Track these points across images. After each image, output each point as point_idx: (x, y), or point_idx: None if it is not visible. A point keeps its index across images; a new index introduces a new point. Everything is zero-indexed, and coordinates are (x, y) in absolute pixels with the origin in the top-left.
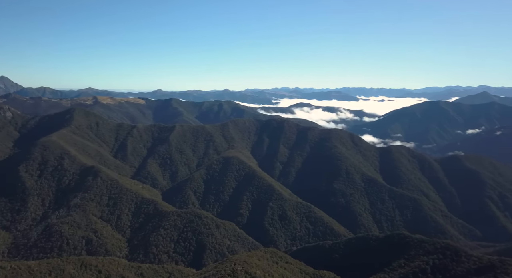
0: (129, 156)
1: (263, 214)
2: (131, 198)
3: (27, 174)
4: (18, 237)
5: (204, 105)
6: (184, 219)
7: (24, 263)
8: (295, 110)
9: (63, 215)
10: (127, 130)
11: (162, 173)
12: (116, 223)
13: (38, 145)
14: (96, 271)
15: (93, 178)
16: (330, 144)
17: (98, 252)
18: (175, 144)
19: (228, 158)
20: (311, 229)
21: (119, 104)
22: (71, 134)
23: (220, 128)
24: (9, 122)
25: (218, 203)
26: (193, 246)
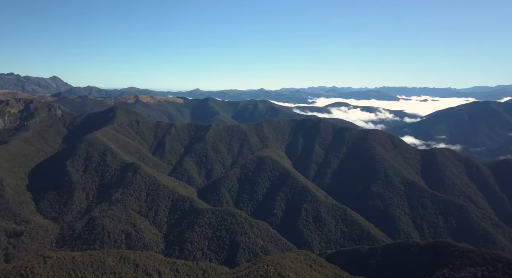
0: (167, 153)
1: (297, 215)
2: (168, 194)
3: (73, 169)
4: (65, 228)
5: (239, 105)
6: (218, 217)
7: (68, 253)
8: (331, 110)
9: (105, 209)
10: (165, 128)
11: (198, 170)
12: (153, 219)
13: (83, 141)
14: (134, 265)
15: (133, 174)
16: (368, 145)
17: (137, 246)
18: (210, 143)
19: (262, 157)
20: (346, 232)
21: (159, 103)
22: (113, 131)
23: (255, 127)
24: (59, 119)
25: (252, 202)
26: (227, 245)
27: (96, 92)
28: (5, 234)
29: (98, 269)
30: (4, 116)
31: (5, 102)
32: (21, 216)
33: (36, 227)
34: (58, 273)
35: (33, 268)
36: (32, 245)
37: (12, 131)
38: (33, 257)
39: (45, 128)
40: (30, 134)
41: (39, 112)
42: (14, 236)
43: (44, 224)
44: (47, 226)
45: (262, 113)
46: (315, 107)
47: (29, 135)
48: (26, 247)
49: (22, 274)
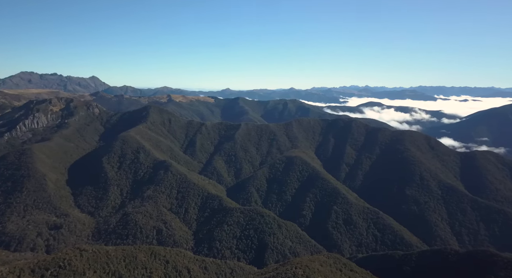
0: (198, 152)
1: (326, 217)
2: (198, 192)
3: (109, 165)
4: (100, 223)
5: (269, 104)
6: (246, 217)
7: (103, 247)
8: (364, 110)
9: (138, 205)
10: (196, 127)
11: (227, 169)
12: (183, 216)
13: (118, 139)
14: (164, 261)
15: (164, 172)
16: (402, 147)
17: (167, 242)
18: (240, 142)
19: (291, 157)
20: (378, 236)
21: (190, 103)
22: (146, 130)
23: (284, 127)
24: (96, 118)
25: (280, 203)
26: (255, 244)
27: (132, 92)
28: (46, 226)
29: (130, 263)
30: (47, 114)
31: (48, 101)
32: (61, 210)
33: (74, 221)
34: (93, 266)
35: (70, 260)
36: (71, 237)
37: (54, 128)
38: (70, 249)
39: (84, 126)
40: (70, 131)
41: (78, 110)
42: (54, 228)
43: (81, 218)
44: (84, 220)
45: (292, 113)
46: (347, 107)
47: (69, 133)
48: (65, 239)
49: (60, 265)
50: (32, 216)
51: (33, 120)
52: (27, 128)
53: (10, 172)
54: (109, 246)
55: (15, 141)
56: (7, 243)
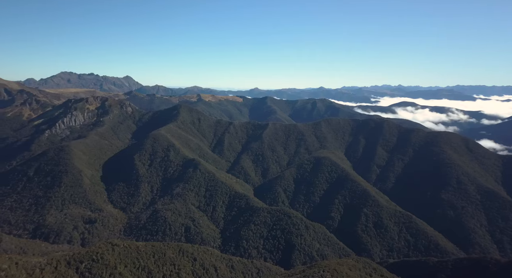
0: (225, 150)
1: (356, 220)
2: (225, 191)
3: (140, 163)
4: (132, 218)
5: (297, 104)
6: (274, 217)
7: (133, 243)
8: (397, 110)
9: (167, 202)
10: (224, 126)
11: (255, 169)
12: (211, 214)
13: (149, 137)
14: (192, 258)
15: (193, 170)
16: (438, 149)
17: (195, 239)
18: (267, 141)
19: (320, 158)
20: (411, 241)
21: (219, 102)
22: (176, 128)
23: (313, 127)
24: (129, 116)
25: (308, 204)
26: (282, 245)
27: (163, 91)
28: (82, 220)
29: (159, 259)
30: (84, 112)
31: (85, 100)
32: (95, 205)
33: (107, 216)
34: (124, 260)
35: (103, 254)
36: (104, 232)
37: (90, 126)
38: (103, 243)
39: (117, 124)
40: (105, 129)
41: (112, 109)
42: (89, 222)
43: (114, 213)
44: (117, 215)
45: (321, 113)
46: (379, 107)
47: (104, 131)
48: (99, 234)
49: (93, 258)
50: (69, 210)
51: (71, 118)
52: (66, 126)
53: (50, 167)
54: (139, 242)
55: (55, 137)
56: (46, 235)
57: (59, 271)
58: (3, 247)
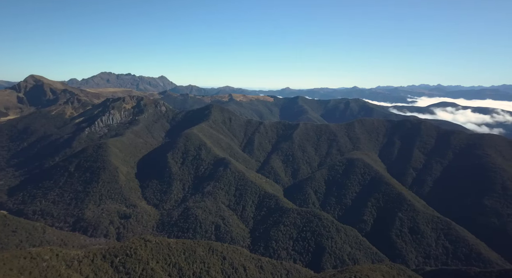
0: (255, 150)
1: (390, 224)
2: (255, 190)
3: (173, 161)
4: (164, 215)
5: (329, 103)
6: (304, 218)
7: (165, 239)
8: (435, 110)
9: (198, 200)
10: (255, 126)
11: (285, 169)
12: (241, 213)
13: (182, 136)
14: (221, 257)
15: (224, 169)
16: (480, 152)
17: (225, 238)
18: (298, 142)
19: (352, 159)
20: (450, 249)
21: (250, 102)
22: (208, 128)
23: (345, 127)
24: (163, 115)
25: (339, 206)
26: (312, 247)
27: (196, 91)
28: (117, 215)
29: (189, 257)
30: (121, 111)
31: (122, 99)
32: (130, 201)
33: (141, 212)
34: (156, 256)
35: (136, 249)
36: (138, 227)
37: (126, 125)
38: (136, 239)
39: (152, 123)
40: (140, 128)
41: (147, 108)
42: (124, 217)
43: (148, 209)
44: (150, 211)
45: (354, 113)
46: (416, 107)
47: (139, 129)
48: (133, 229)
49: (127, 253)
50: (105, 205)
51: (109, 117)
52: (104, 124)
53: (89, 163)
54: (170, 239)
55: (94, 135)
56: (85, 229)
57: (95, 264)
58: (46, 238)
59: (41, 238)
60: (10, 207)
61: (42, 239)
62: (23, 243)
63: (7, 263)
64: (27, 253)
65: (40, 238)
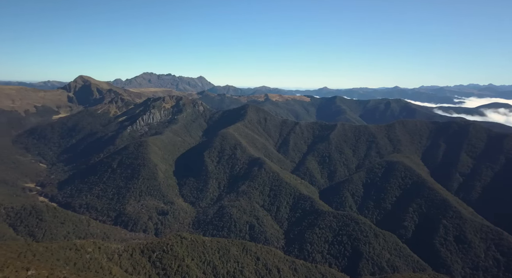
0: (291, 151)
1: (433, 232)
2: (290, 191)
3: (209, 160)
4: (200, 213)
5: (369, 104)
6: (340, 222)
7: (200, 237)
8: (486, 112)
9: (233, 199)
10: (290, 126)
11: (320, 170)
12: (275, 214)
13: (218, 135)
14: (255, 257)
15: (258, 169)
16: None
17: (259, 238)
18: (335, 143)
19: (393, 162)
20: (502, 261)
21: (286, 102)
22: (243, 127)
23: (385, 129)
24: (201, 115)
25: (378, 210)
26: (348, 252)
27: (233, 91)
28: (156, 211)
29: (223, 256)
30: (161, 110)
31: (162, 99)
32: (168, 197)
33: (178, 209)
34: (191, 254)
35: (172, 246)
36: (175, 224)
37: (165, 123)
38: (173, 236)
39: (190, 122)
40: (178, 127)
41: (186, 108)
42: (162, 214)
43: (184, 206)
44: (187, 208)
45: (395, 114)
46: (463, 108)
47: (178, 128)
48: (170, 225)
49: (164, 249)
50: (145, 201)
51: (149, 116)
52: (145, 123)
53: (130, 160)
54: (205, 237)
55: (135, 133)
56: (125, 223)
57: (134, 258)
58: (90, 230)
59: (86, 230)
60: (60, 199)
61: (87, 231)
62: (70, 235)
63: (55, 253)
64: (73, 245)
65: (85, 230)
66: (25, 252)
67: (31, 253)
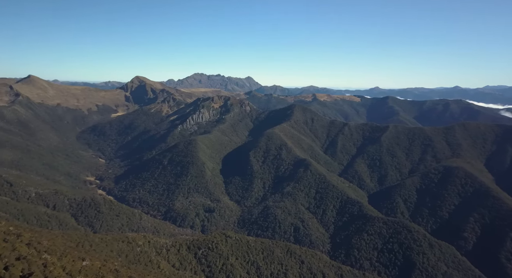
0: (338, 153)
1: (498, 245)
2: (336, 195)
3: (255, 159)
4: (245, 212)
5: (425, 105)
6: (390, 228)
7: (244, 237)
8: None
9: (278, 199)
10: (338, 127)
11: (370, 174)
12: (321, 217)
13: (264, 135)
14: (299, 260)
15: (304, 170)
16: None
17: (304, 241)
18: (386, 145)
19: (451, 167)
20: None
21: (334, 102)
22: (289, 128)
23: (443, 132)
24: (247, 115)
25: (434, 219)
26: (399, 261)
27: (280, 91)
28: (202, 208)
29: (267, 257)
30: (209, 110)
31: (211, 99)
32: (214, 195)
33: (224, 207)
34: (235, 253)
35: (217, 244)
36: (220, 221)
37: (213, 123)
38: (218, 234)
39: (237, 122)
40: (226, 126)
41: (233, 108)
42: (209, 211)
43: (230, 205)
44: (232, 207)
45: (455, 116)
46: None
47: (225, 127)
48: (216, 223)
49: (209, 247)
50: (193, 198)
51: (199, 115)
52: (194, 122)
53: (180, 158)
54: (249, 236)
55: (185, 132)
56: (174, 218)
57: (181, 253)
58: (142, 224)
59: (138, 223)
60: (116, 193)
61: (139, 225)
62: (123, 227)
63: (109, 244)
64: (125, 238)
65: (137, 223)
66: (83, 242)
67: (88, 243)
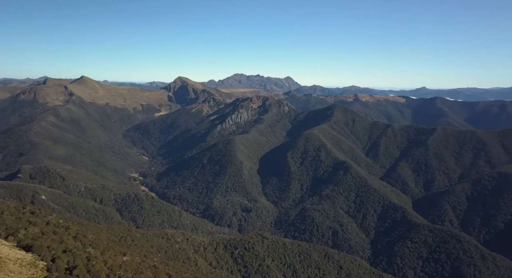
0: (381, 155)
1: None
2: (378, 199)
3: (292, 160)
4: (282, 213)
5: (478, 106)
6: (437, 237)
7: (281, 239)
8: None
9: (315, 202)
10: (381, 129)
11: (415, 178)
12: (361, 222)
13: (302, 136)
14: (337, 266)
15: (344, 173)
16: None
17: (342, 246)
18: (433, 149)
19: (508, 174)
20: None
21: (377, 102)
22: (329, 129)
23: (499, 135)
24: (286, 115)
25: (487, 229)
26: (447, 272)
27: (320, 91)
28: (240, 208)
29: (304, 260)
30: (248, 110)
31: (250, 99)
32: (252, 195)
33: (261, 207)
34: (272, 254)
35: (254, 244)
36: (257, 221)
37: (251, 123)
38: (255, 234)
39: (275, 122)
40: (264, 126)
41: (271, 108)
42: (246, 211)
43: (267, 205)
44: (269, 207)
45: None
46: None
47: (263, 127)
48: (253, 222)
49: (246, 247)
50: (230, 197)
51: (237, 115)
52: (233, 122)
53: (219, 157)
54: (286, 238)
55: (224, 131)
56: (212, 217)
57: (217, 252)
58: (181, 221)
59: (177, 220)
60: (157, 190)
61: (178, 221)
62: (164, 223)
63: (149, 240)
64: (164, 234)
65: (177, 220)
66: (125, 237)
67: (130, 238)
